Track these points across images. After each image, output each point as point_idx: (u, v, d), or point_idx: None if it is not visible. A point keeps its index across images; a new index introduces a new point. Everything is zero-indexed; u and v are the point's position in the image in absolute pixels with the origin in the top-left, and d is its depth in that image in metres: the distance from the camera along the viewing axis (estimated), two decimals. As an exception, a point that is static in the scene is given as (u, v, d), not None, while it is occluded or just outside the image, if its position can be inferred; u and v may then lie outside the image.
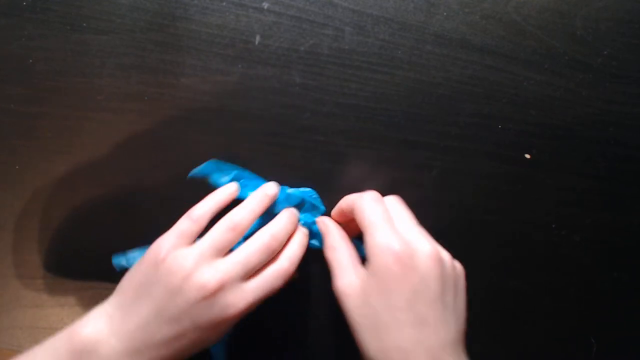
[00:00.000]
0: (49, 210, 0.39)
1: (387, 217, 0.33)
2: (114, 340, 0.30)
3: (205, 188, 0.39)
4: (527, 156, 0.40)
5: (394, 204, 0.35)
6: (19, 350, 0.40)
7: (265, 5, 0.37)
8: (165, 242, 0.32)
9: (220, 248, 0.32)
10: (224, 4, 0.37)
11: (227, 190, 0.36)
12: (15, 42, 0.37)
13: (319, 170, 0.39)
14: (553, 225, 0.41)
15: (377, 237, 0.31)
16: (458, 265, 0.34)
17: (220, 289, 0.30)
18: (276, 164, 0.38)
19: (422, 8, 0.38)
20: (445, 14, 0.38)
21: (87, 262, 0.40)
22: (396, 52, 0.38)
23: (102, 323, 0.30)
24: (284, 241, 0.34)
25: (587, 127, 0.40)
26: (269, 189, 0.36)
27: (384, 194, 0.40)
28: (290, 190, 0.38)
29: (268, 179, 0.39)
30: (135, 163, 0.39)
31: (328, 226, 0.36)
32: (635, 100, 0.39)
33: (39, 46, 0.37)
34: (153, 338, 0.30)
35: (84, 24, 0.37)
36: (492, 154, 0.40)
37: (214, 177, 0.38)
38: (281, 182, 0.38)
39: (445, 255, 0.33)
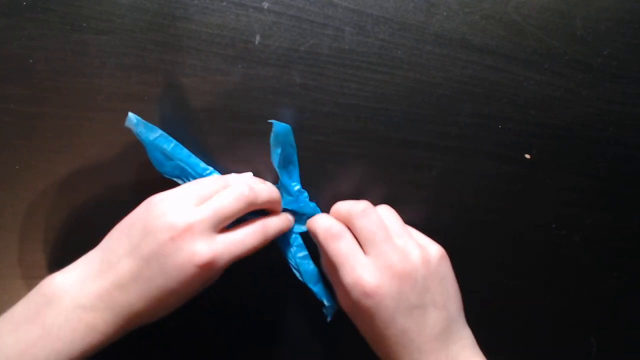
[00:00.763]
0: (48, 210, 0.39)
1: (347, 252, 0.33)
2: (88, 282, 0.30)
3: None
4: (527, 156, 0.40)
5: (357, 222, 0.34)
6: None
7: (265, 5, 0.37)
8: (159, 195, 0.33)
9: (203, 195, 0.32)
10: (224, 4, 0.37)
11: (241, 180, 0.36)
12: (15, 42, 0.37)
13: (319, 170, 0.39)
14: (553, 225, 0.41)
15: (344, 278, 0.33)
16: (434, 256, 0.34)
17: (188, 232, 0.30)
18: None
19: (422, 8, 0.38)
20: (445, 14, 0.38)
21: (87, 262, 0.40)
22: (396, 52, 0.38)
23: (79, 269, 0.31)
24: (262, 200, 0.33)
25: (587, 127, 0.40)
26: (289, 220, 0.37)
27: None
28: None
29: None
30: (135, 163, 0.39)
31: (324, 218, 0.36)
32: (635, 100, 0.40)
33: (39, 46, 0.37)
34: (121, 278, 0.29)
35: (84, 24, 0.37)
36: (492, 154, 0.40)
37: (144, 133, 0.36)
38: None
39: (416, 256, 0.33)
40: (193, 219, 0.30)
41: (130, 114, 0.35)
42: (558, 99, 0.39)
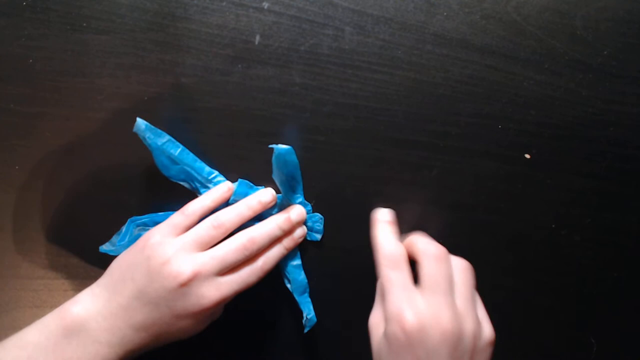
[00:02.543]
0: (48, 211, 0.39)
1: (403, 283, 0.32)
2: (100, 318, 0.32)
3: (205, 188, 0.39)
4: (527, 156, 0.40)
5: (427, 262, 0.33)
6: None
7: (265, 5, 0.37)
8: (156, 232, 0.34)
9: (203, 242, 0.34)
10: (224, 4, 0.37)
11: (221, 190, 0.37)
12: (15, 42, 0.37)
13: (318, 170, 0.39)
14: (553, 225, 0.41)
15: (389, 304, 0.32)
16: (486, 336, 0.33)
17: (194, 279, 0.32)
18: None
19: (422, 8, 0.38)
20: (445, 14, 0.38)
21: (87, 262, 0.40)
22: (396, 52, 0.38)
23: (89, 302, 0.32)
24: (263, 246, 0.35)
25: (587, 127, 0.40)
26: (264, 196, 0.37)
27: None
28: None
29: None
30: (135, 163, 0.39)
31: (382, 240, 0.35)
32: (635, 100, 0.39)
33: (39, 46, 0.37)
34: (133, 319, 0.32)
35: (84, 24, 0.37)
36: (492, 154, 0.40)
37: (151, 138, 0.37)
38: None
39: (469, 328, 0.31)
40: (199, 269, 0.32)
41: (139, 120, 0.35)
42: (558, 99, 0.39)
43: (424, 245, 0.33)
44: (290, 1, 0.37)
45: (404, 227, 0.39)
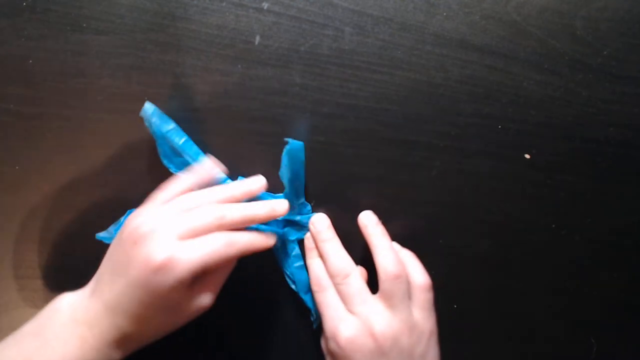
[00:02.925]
0: (49, 211, 0.39)
1: (330, 304, 0.35)
2: (81, 299, 0.32)
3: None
4: (527, 156, 0.40)
5: (345, 279, 0.36)
6: (19, 350, 0.40)
7: (265, 5, 0.37)
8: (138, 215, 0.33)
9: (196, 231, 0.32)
10: (224, 4, 0.37)
11: (208, 170, 0.36)
12: (15, 42, 0.37)
13: (318, 170, 0.39)
14: (553, 225, 0.41)
15: (324, 327, 0.35)
16: (419, 283, 0.36)
17: (151, 233, 0.30)
18: (276, 164, 0.38)
19: (422, 8, 0.38)
20: (445, 14, 0.38)
21: (87, 262, 0.40)
22: (396, 52, 0.38)
23: (81, 292, 0.33)
24: (236, 220, 0.33)
25: (587, 127, 0.40)
26: (279, 206, 0.35)
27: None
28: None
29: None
30: (135, 163, 0.39)
31: (314, 267, 0.37)
32: (635, 100, 0.39)
33: (39, 46, 0.37)
34: (103, 294, 0.31)
35: (84, 24, 0.37)
36: (492, 154, 0.40)
37: (158, 126, 0.36)
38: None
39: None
40: (158, 221, 0.31)
41: (148, 103, 0.35)
42: (558, 99, 0.39)
43: (331, 270, 0.36)
44: (290, 1, 0.37)
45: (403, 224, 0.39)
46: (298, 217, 0.39)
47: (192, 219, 0.31)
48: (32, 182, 0.39)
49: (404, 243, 0.40)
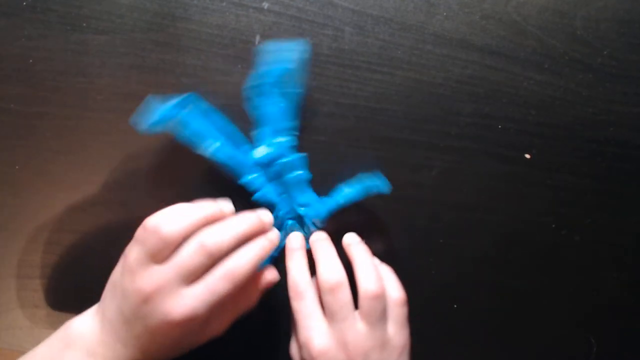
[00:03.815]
0: (48, 210, 0.39)
1: (307, 314, 0.34)
2: (95, 332, 0.32)
3: (207, 188, 0.39)
4: (527, 156, 0.40)
5: (324, 296, 0.34)
6: (19, 350, 0.40)
7: (265, 5, 0.37)
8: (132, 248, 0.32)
9: (190, 271, 0.31)
10: (224, 4, 0.37)
11: (217, 207, 0.34)
12: (15, 42, 0.37)
13: (319, 170, 0.39)
14: (553, 225, 0.41)
15: (298, 335, 0.34)
16: (395, 298, 0.35)
17: (157, 293, 0.30)
18: (276, 164, 0.38)
19: (422, 8, 0.38)
20: (445, 14, 0.38)
21: (87, 261, 0.40)
22: (396, 52, 0.38)
23: (89, 317, 0.33)
24: (228, 245, 0.32)
25: (587, 127, 0.40)
26: (265, 216, 0.35)
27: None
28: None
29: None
30: (135, 163, 0.39)
31: (294, 275, 0.36)
32: (635, 100, 0.39)
33: (39, 46, 0.37)
34: (119, 334, 0.31)
35: (84, 24, 0.37)
36: (492, 154, 0.40)
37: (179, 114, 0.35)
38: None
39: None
40: (159, 280, 0.30)
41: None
42: (558, 99, 0.39)
43: (321, 277, 0.34)
44: (290, 1, 0.37)
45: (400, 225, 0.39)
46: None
47: (187, 264, 0.31)
48: (32, 182, 0.39)
49: (404, 243, 0.40)
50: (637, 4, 0.39)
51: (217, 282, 0.31)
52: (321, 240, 0.37)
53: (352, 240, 0.38)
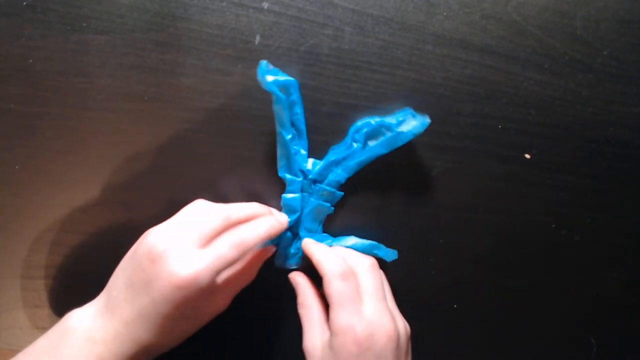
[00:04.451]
0: (48, 210, 0.40)
1: (352, 296, 0.34)
2: (95, 318, 0.32)
3: (206, 189, 0.39)
4: (527, 156, 0.40)
5: (365, 273, 0.36)
6: (19, 350, 0.40)
7: (265, 5, 0.37)
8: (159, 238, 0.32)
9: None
10: (224, 4, 0.37)
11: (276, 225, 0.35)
12: (15, 42, 0.37)
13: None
14: (553, 225, 0.41)
15: (339, 319, 0.33)
16: (408, 330, 0.36)
17: (168, 250, 0.30)
18: (276, 164, 0.38)
19: (422, 8, 0.38)
20: (445, 14, 0.38)
21: (87, 261, 0.40)
22: (396, 52, 0.38)
23: (89, 306, 0.33)
24: (243, 217, 0.34)
25: (587, 127, 0.40)
26: (281, 217, 0.37)
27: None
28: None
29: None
30: (135, 163, 0.39)
31: (299, 283, 0.38)
32: (635, 100, 0.39)
33: (39, 46, 0.37)
34: (121, 310, 0.31)
35: (84, 24, 0.37)
36: (492, 154, 0.40)
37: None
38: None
39: (401, 327, 0.35)
40: (171, 237, 0.31)
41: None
42: (558, 99, 0.39)
43: (355, 257, 0.36)
44: (290, 1, 0.37)
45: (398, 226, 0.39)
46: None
47: (201, 226, 0.32)
48: (32, 182, 0.39)
49: (403, 243, 0.40)
50: (637, 4, 0.39)
51: (225, 248, 0.32)
52: (313, 243, 0.38)
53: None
